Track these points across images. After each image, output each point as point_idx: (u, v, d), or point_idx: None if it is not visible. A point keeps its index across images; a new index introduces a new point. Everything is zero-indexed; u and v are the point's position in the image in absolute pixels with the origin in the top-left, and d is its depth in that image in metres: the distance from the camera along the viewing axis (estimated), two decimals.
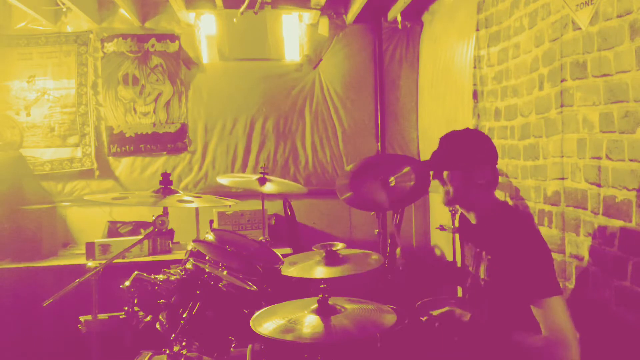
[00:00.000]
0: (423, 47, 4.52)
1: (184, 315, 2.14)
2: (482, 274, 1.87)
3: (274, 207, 4.37)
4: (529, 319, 1.69)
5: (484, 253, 1.87)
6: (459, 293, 3.41)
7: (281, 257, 2.74)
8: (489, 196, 1.91)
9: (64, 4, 4.03)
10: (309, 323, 1.73)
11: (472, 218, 1.97)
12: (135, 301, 2.15)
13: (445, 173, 1.93)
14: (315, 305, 1.81)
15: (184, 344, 2.10)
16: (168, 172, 2.72)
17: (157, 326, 2.24)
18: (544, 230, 2.51)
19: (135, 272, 2.18)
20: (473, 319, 1.77)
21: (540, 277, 1.70)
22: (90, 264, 2.25)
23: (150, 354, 2.25)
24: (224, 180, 3.30)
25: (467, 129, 2.15)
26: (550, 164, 2.51)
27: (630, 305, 1.94)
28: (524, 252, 1.73)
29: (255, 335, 1.72)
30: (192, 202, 2.49)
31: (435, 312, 1.80)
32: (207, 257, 2.47)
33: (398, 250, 2.31)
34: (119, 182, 4.39)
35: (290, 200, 4.19)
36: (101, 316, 2.25)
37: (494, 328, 1.78)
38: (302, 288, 2.81)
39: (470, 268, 1.97)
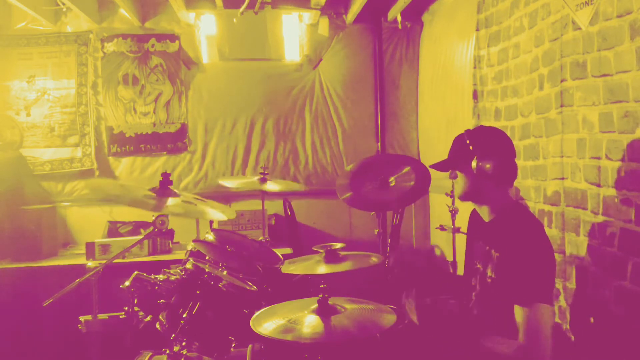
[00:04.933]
0: (423, 47, 4.52)
1: (184, 315, 2.14)
2: (489, 272, 1.88)
3: (274, 207, 4.37)
4: None
5: (492, 251, 1.88)
6: None
7: (281, 257, 2.75)
8: (502, 191, 1.91)
9: (64, 4, 4.03)
10: (309, 323, 1.72)
11: (485, 215, 1.97)
12: (135, 301, 2.15)
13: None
14: (315, 305, 1.80)
15: (184, 344, 2.10)
16: (168, 172, 2.72)
17: (157, 326, 2.23)
18: None
19: (135, 272, 2.17)
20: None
21: (539, 281, 1.70)
22: (90, 264, 2.25)
23: (150, 354, 2.25)
24: (224, 182, 3.32)
25: (481, 126, 2.15)
26: (550, 164, 2.51)
27: (629, 305, 1.94)
28: (530, 252, 1.73)
29: (255, 335, 1.71)
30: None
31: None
32: (207, 257, 2.47)
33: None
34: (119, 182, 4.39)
35: (290, 200, 4.19)
36: (101, 316, 2.25)
37: (465, 334, 1.79)
38: (302, 288, 2.81)
39: (479, 266, 1.97)
